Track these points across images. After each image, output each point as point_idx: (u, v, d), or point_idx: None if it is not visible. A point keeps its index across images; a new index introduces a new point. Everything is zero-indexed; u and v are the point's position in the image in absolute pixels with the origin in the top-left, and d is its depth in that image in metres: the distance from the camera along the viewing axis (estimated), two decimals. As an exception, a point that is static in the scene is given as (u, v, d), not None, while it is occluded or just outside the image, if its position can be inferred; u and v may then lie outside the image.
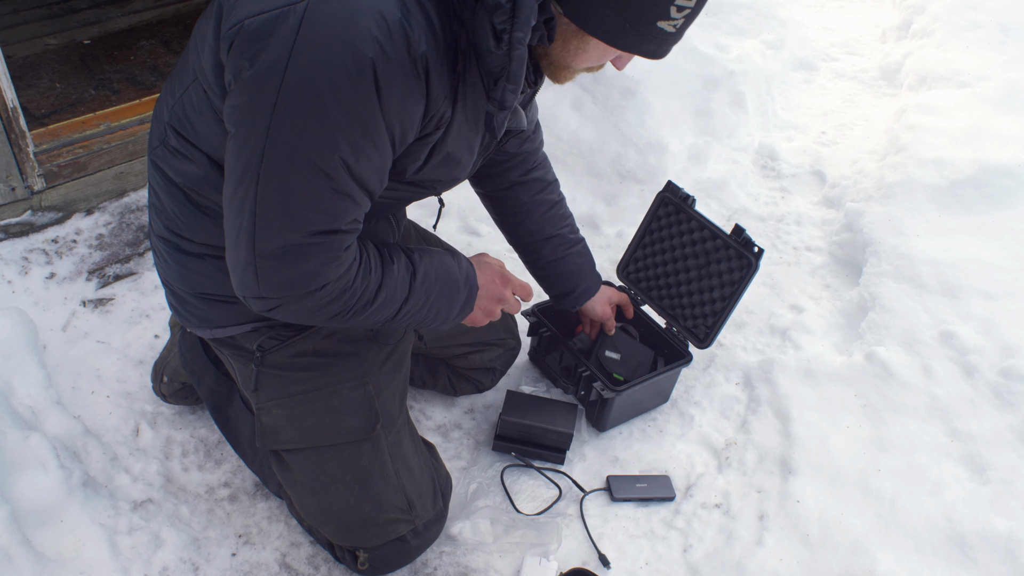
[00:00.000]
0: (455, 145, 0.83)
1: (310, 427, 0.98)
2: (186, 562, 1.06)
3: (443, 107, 0.76)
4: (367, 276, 0.82)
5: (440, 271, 0.90)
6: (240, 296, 0.80)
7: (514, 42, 0.71)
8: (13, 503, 0.99)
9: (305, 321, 0.83)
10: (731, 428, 1.35)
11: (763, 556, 1.12)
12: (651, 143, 1.80)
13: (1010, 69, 2.15)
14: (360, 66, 0.67)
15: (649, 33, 0.74)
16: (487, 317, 0.99)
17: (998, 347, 1.38)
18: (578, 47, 0.78)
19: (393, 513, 1.00)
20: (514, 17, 0.70)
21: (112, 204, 1.57)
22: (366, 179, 0.75)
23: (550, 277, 1.25)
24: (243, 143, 0.72)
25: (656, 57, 0.77)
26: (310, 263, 0.76)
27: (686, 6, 0.73)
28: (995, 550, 1.10)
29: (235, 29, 0.70)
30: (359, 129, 0.71)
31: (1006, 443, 1.25)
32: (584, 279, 1.25)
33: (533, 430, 1.23)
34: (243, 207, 0.74)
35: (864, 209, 1.72)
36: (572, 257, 1.22)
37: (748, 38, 2.25)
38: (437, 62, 0.72)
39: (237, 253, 0.77)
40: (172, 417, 1.26)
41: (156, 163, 0.88)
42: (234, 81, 0.71)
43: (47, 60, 1.96)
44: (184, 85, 0.82)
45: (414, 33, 0.69)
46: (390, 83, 0.69)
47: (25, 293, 1.39)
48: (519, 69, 0.73)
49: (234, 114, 0.72)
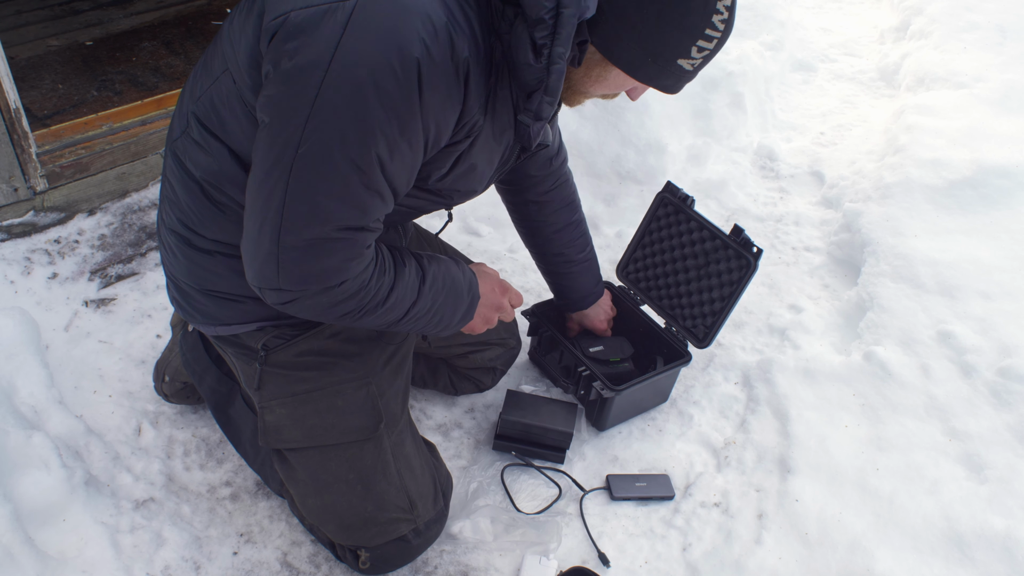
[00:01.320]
0: (479, 156, 0.85)
1: (313, 426, 0.98)
2: (188, 561, 1.07)
3: (476, 115, 0.78)
4: (381, 276, 0.83)
5: (447, 278, 0.92)
6: (255, 287, 0.80)
7: (554, 56, 0.72)
8: (16, 502, 1.00)
9: (317, 317, 0.84)
10: (730, 427, 1.36)
11: (762, 555, 1.13)
12: (650, 144, 1.81)
13: (1008, 70, 2.15)
14: (406, 65, 0.68)
15: (668, 68, 0.78)
16: (485, 325, 1.01)
17: (996, 347, 1.38)
18: (600, 75, 0.82)
19: (395, 513, 1.01)
20: (555, 33, 0.71)
21: (114, 205, 1.57)
22: (396, 178, 0.76)
23: (553, 284, 1.33)
24: (277, 134, 0.72)
25: (671, 92, 0.82)
26: (333, 258, 0.77)
27: (706, 48, 0.77)
28: (992, 549, 1.11)
29: (279, 20, 0.71)
30: (398, 127, 0.72)
31: (1003, 442, 1.26)
32: (583, 291, 1.32)
33: (533, 429, 1.23)
34: (271, 197, 0.74)
35: (862, 209, 1.73)
36: (574, 275, 1.29)
37: (747, 39, 2.26)
38: (477, 70, 0.74)
39: (259, 244, 0.77)
40: (174, 416, 1.27)
41: (177, 154, 0.88)
42: (273, 71, 0.72)
43: (50, 61, 1.96)
44: (213, 76, 0.82)
45: (459, 39, 0.70)
46: (433, 85, 0.70)
47: (28, 293, 1.39)
48: (557, 83, 0.75)
49: (268, 104, 0.73)
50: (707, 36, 0.76)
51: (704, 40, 0.76)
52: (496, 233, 1.73)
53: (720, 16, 0.76)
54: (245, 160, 0.81)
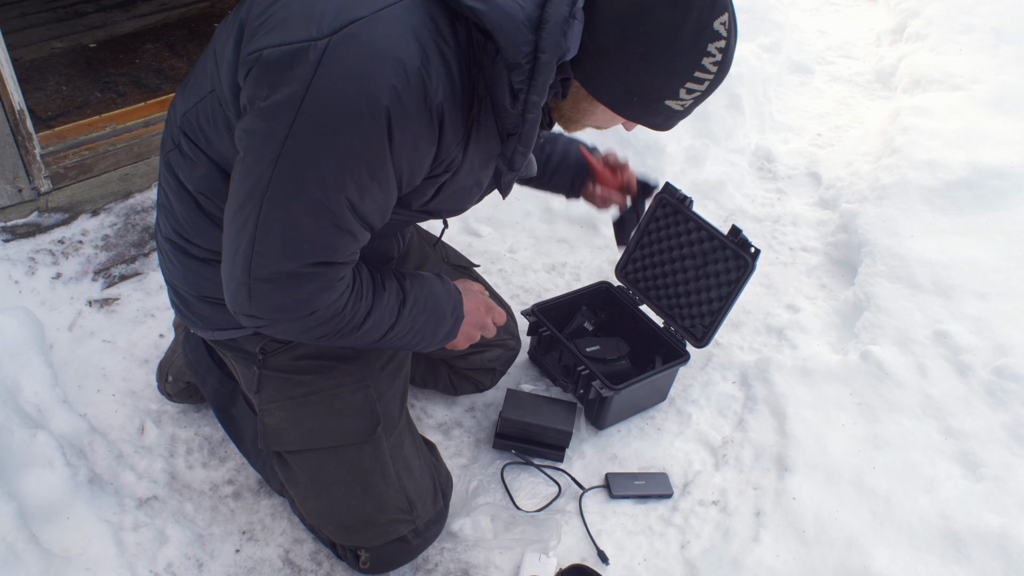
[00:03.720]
0: (465, 181, 0.84)
1: (312, 429, 0.99)
2: (191, 558, 1.08)
3: (454, 152, 0.77)
4: (357, 303, 0.83)
5: (430, 300, 0.92)
6: (231, 311, 0.82)
7: (529, 105, 0.71)
8: (20, 500, 1.00)
9: (293, 339, 0.85)
10: (728, 426, 1.36)
11: (759, 552, 1.13)
12: (649, 145, 1.82)
13: (1003, 72, 2.17)
14: (375, 112, 0.68)
15: (655, 108, 0.76)
16: (467, 342, 1.01)
17: (991, 346, 1.39)
18: (587, 109, 0.80)
19: (394, 514, 1.01)
20: (532, 79, 0.69)
21: (117, 205, 1.58)
22: (368, 217, 0.76)
23: (559, 174, 1.18)
24: (250, 169, 0.73)
25: (661, 129, 0.79)
26: (303, 291, 0.77)
27: (697, 89, 0.74)
28: (988, 546, 1.11)
29: (254, 56, 0.71)
30: (367, 171, 0.71)
31: (999, 441, 1.26)
32: (576, 152, 1.18)
33: (533, 428, 1.24)
34: (243, 230, 0.75)
35: (859, 210, 1.74)
36: (559, 147, 1.17)
37: (745, 42, 2.27)
38: (452, 110, 0.72)
39: (232, 272, 0.78)
40: (177, 415, 1.27)
41: (171, 166, 0.89)
42: (249, 107, 0.72)
43: (54, 63, 1.97)
44: (200, 94, 0.83)
45: (432, 82, 0.69)
46: (403, 130, 0.70)
47: (32, 293, 1.40)
48: (531, 133, 0.73)
49: (245, 139, 0.73)
50: (697, 79, 0.73)
51: (694, 83, 0.73)
52: (496, 234, 1.74)
53: (712, 59, 0.72)
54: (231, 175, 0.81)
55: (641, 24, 0.70)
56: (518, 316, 1.41)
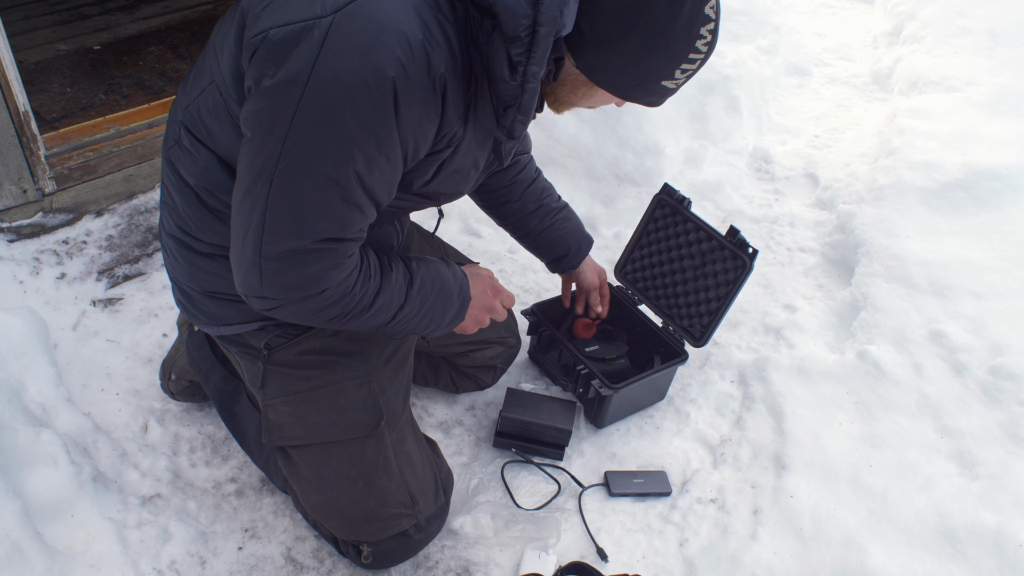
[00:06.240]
0: (463, 162, 0.86)
1: (315, 424, 1.00)
2: (194, 556, 1.08)
3: (456, 127, 0.79)
4: (366, 282, 0.84)
5: (436, 281, 0.93)
6: (242, 294, 0.82)
7: (528, 75, 0.73)
8: (25, 498, 1.01)
9: (303, 322, 0.85)
10: (726, 425, 1.37)
11: (757, 550, 1.14)
12: (648, 146, 1.84)
13: (998, 74, 2.18)
14: (381, 84, 0.69)
15: (653, 88, 0.81)
16: (476, 325, 1.02)
17: (987, 346, 1.40)
18: (586, 93, 0.84)
19: (396, 508, 1.02)
20: (531, 51, 0.72)
21: (121, 206, 1.60)
22: (376, 191, 0.78)
23: (544, 245, 1.28)
24: (258, 148, 0.74)
25: (654, 106, 0.85)
26: (313, 268, 0.78)
27: (689, 68, 0.79)
28: (984, 544, 1.12)
29: (259, 38, 0.72)
30: (375, 144, 0.73)
31: (994, 439, 1.27)
32: (576, 240, 1.29)
33: (533, 427, 1.25)
34: (253, 210, 0.76)
35: (856, 211, 1.75)
36: (559, 223, 1.26)
37: (743, 44, 2.28)
38: (454, 84, 0.74)
39: (243, 253, 0.79)
40: (180, 414, 1.28)
41: (172, 162, 0.90)
42: (254, 87, 0.73)
43: (58, 65, 1.99)
44: (200, 87, 0.84)
45: (435, 55, 0.71)
46: (409, 102, 0.71)
47: (36, 293, 1.41)
48: (530, 102, 0.76)
49: (251, 119, 0.74)
50: (690, 59, 0.78)
51: (687, 63, 0.78)
52: (496, 234, 1.75)
53: (704, 40, 0.77)
54: (234, 168, 0.83)
55: (640, 16, 0.74)
56: (518, 316, 1.42)
